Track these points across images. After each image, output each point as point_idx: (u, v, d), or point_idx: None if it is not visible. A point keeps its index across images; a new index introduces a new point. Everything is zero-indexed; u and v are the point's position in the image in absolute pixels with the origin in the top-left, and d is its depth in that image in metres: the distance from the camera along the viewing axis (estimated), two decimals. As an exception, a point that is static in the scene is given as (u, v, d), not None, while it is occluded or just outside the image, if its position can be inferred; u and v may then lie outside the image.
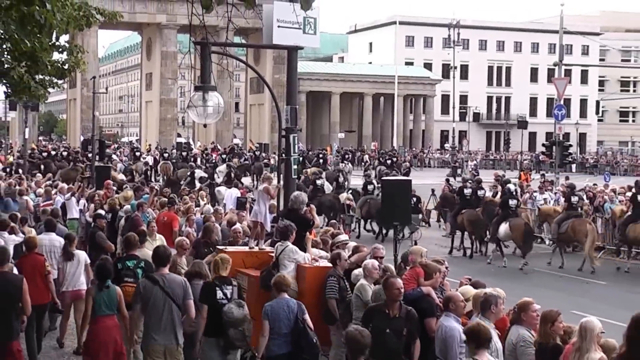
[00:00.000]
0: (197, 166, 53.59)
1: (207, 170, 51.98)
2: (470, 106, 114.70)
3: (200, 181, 44.17)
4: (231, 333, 12.55)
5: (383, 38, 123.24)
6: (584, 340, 9.61)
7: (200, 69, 17.02)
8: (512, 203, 31.03)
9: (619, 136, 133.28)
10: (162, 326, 12.31)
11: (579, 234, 29.88)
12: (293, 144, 19.58)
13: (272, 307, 12.29)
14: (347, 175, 50.46)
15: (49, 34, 17.24)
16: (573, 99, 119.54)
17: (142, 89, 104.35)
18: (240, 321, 12.55)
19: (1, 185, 32.41)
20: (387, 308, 10.86)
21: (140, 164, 59.36)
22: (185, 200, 28.49)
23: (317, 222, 20.64)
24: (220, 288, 12.85)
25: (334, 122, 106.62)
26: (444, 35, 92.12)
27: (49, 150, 66.39)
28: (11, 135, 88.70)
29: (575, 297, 23.94)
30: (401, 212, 19.30)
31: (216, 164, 56.79)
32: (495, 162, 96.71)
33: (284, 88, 22.54)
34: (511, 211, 30.75)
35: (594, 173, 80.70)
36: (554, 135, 46.79)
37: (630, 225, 29.50)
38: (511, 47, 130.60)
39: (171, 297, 12.25)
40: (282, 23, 19.10)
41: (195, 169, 48.98)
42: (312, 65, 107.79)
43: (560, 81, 49.02)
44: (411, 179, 27.20)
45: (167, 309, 12.27)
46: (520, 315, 11.19)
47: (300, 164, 54.67)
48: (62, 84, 45.48)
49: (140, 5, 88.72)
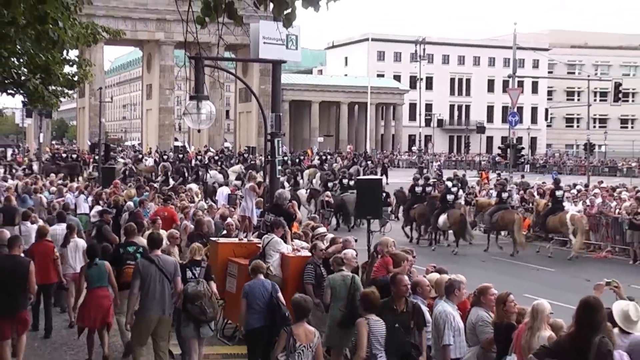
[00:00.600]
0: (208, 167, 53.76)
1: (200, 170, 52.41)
2: (435, 113, 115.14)
3: (173, 180, 44.55)
4: (188, 307, 12.80)
5: (357, 53, 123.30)
6: (535, 320, 9.63)
7: (195, 80, 17.00)
8: (449, 197, 32.27)
9: (565, 140, 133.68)
10: (157, 299, 12.72)
11: (508, 223, 31.28)
12: (277, 147, 19.59)
13: (250, 287, 12.61)
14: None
15: (61, 49, 17.30)
16: (525, 107, 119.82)
17: (143, 99, 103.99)
18: (195, 297, 12.76)
19: (19, 184, 32.55)
20: (394, 304, 10.62)
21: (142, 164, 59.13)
22: (181, 197, 28.53)
23: (299, 216, 20.62)
24: (190, 269, 13.34)
25: (314, 128, 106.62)
26: (411, 50, 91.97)
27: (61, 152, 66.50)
28: (27, 139, 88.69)
29: (528, 282, 23.98)
30: (373, 207, 19.35)
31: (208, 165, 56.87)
32: (456, 163, 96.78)
33: (269, 97, 22.49)
34: (449, 204, 31.88)
35: (543, 172, 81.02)
36: (509, 139, 46.92)
37: (550, 216, 31.07)
38: (471, 61, 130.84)
39: (165, 274, 12.70)
40: (267, 40, 19.09)
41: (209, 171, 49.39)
42: (294, 77, 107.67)
43: (514, 91, 49.16)
44: (382, 178, 27.27)
45: (160, 284, 12.72)
46: (479, 298, 11.22)
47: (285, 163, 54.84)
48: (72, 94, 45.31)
49: (141, 24, 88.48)
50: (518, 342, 9.88)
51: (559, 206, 31.34)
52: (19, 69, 18.57)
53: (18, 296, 13.14)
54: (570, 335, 8.44)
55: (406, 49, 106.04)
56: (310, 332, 10.22)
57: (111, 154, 55.79)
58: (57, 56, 18.27)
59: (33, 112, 55.62)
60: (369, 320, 10.58)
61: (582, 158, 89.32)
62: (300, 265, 14.50)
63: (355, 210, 34.06)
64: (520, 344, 9.75)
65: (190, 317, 12.90)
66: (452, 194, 32.68)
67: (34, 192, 28.89)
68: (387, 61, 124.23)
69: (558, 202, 31.57)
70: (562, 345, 8.50)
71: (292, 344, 10.00)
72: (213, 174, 47.42)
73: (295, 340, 10.02)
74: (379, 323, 10.70)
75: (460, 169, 75.21)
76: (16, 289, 13.09)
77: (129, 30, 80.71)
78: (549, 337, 9.42)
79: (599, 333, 8.13)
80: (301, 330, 10.14)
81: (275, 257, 14.66)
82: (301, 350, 10.05)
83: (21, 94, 20.72)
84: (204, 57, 18.14)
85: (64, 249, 17.48)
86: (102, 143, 50.77)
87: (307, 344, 10.08)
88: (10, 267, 13.14)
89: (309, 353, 10.09)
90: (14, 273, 13.09)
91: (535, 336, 9.51)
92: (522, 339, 9.75)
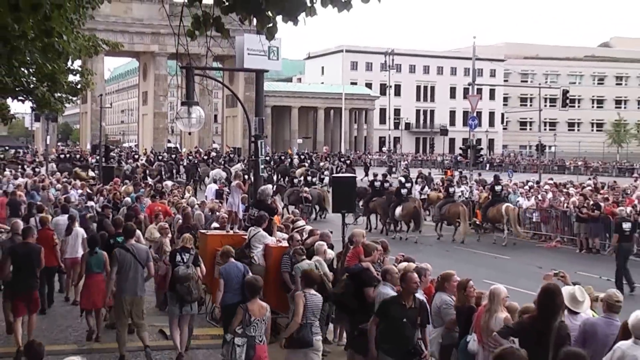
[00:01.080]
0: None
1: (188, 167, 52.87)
2: (403, 117, 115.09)
3: (151, 177, 45.33)
4: (177, 287, 13.19)
5: (332, 63, 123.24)
6: (492, 303, 9.73)
7: (186, 88, 17.01)
8: (403, 191, 33.04)
9: (519, 141, 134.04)
10: (130, 282, 13.15)
11: (454, 214, 32.05)
12: (260, 148, 19.63)
13: (225, 269, 12.92)
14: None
15: (66, 60, 17.33)
16: (483, 112, 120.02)
17: (140, 104, 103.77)
18: (184, 278, 13.13)
19: (28, 182, 32.68)
20: (403, 300, 10.36)
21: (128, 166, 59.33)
22: (174, 193, 28.59)
23: (280, 210, 20.63)
24: (180, 254, 13.56)
25: (294, 130, 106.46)
26: (381, 61, 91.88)
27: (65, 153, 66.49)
28: (36, 141, 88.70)
29: (486, 269, 24.08)
30: (347, 202, 19.36)
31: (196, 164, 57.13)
32: (422, 162, 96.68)
33: (253, 103, 22.52)
34: (403, 198, 32.61)
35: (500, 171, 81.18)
36: (469, 141, 47.06)
37: (490, 208, 31.72)
38: (435, 71, 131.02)
39: (138, 260, 13.18)
40: (251, 51, 19.11)
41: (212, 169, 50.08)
42: (276, 85, 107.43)
43: (473, 98, 49.25)
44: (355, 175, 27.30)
45: (134, 269, 13.16)
46: (443, 284, 11.32)
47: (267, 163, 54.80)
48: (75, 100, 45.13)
49: (137, 37, 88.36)
50: (478, 323, 9.99)
51: (497, 199, 32.04)
52: (28, 78, 18.58)
53: (33, 278, 13.96)
54: (532, 317, 8.55)
55: (377, 59, 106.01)
56: (263, 307, 10.61)
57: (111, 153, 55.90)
58: (62, 66, 18.31)
59: (41, 117, 55.34)
60: (306, 294, 10.81)
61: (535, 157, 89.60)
62: (280, 255, 14.50)
63: (318, 204, 38.15)
64: (480, 324, 9.85)
65: (177, 296, 13.19)
66: (406, 189, 33.45)
67: (42, 189, 29.09)
68: (360, 70, 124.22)
69: (497, 195, 32.30)
70: (524, 326, 8.59)
71: (248, 318, 10.38)
72: (217, 171, 47.65)
73: (250, 315, 10.41)
74: (316, 297, 10.96)
75: (426, 168, 75.39)
76: (30, 271, 13.87)
77: (126, 42, 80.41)
78: (505, 318, 9.55)
79: (557, 317, 8.29)
80: (255, 306, 10.51)
81: (260, 248, 14.68)
82: (255, 323, 10.43)
83: (30, 100, 20.76)
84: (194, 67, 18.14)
85: (67, 237, 17.84)
86: (102, 145, 50.59)
87: (260, 318, 10.50)
88: (25, 252, 13.90)
89: (262, 325, 10.53)
90: (29, 258, 13.84)
91: (492, 317, 9.61)
92: (481, 320, 9.86)
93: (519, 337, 8.55)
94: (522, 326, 8.65)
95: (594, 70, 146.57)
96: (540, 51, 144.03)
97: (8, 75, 16.68)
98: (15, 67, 16.39)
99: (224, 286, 12.72)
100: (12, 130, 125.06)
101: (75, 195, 27.44)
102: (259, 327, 10.48)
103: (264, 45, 18.03)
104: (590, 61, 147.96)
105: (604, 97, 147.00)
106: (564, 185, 37.22)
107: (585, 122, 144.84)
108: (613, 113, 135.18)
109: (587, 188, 34.70)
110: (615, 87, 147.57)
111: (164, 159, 63.68)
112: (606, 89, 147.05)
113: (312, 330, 10.83)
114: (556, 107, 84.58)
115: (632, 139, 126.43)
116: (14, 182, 32.80)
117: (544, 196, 33.20)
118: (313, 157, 68.88)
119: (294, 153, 76.17)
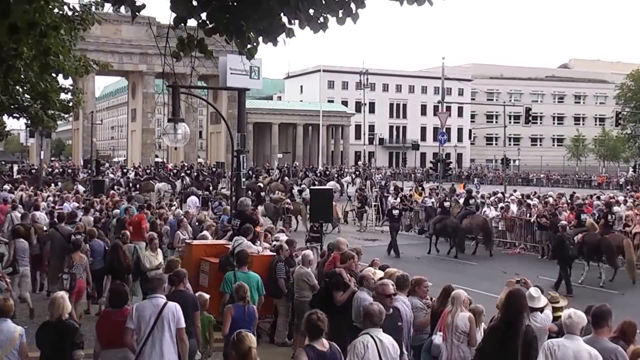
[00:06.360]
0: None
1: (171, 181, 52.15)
2: (377, 133, 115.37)
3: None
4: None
5: (310, 82, 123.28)
6: (454, 305, 10.25)
7: (172, 105, 17.02)
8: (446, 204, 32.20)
9: (485, 155, 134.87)
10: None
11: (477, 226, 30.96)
12: (242, 162, 19.66)
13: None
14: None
15: (66, 77, 17.34)
16: (452, 128, 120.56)
17: (129, 121, 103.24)
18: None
19: (23, 196, 32.49)
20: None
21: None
22: (161, 204, 28.58)
23: (261, 221, 20.65)
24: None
25: (274, 145, 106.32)
26: (357, 80, 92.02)
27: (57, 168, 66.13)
28: (30, 156, 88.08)
29: (454, 274, 24.09)
30: (325, 212, 19.45)
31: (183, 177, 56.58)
32: (395, 175, 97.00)
33: (236, 120, 22.49)
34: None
35: (467, 183, 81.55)
36: (439, 155, 47.12)
37: (465, 219, 30.87)
38: (407, 89, 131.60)
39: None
40: (233, 70, 19.22)
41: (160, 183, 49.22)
42: (257, 103, 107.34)
43: (443, 115, 49.43)
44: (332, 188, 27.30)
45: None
46: (414, 288, 11.37)
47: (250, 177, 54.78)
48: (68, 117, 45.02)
49: (126, 58, 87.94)
50: (443, 322, 10.35)
51: (470, 210, 31.72)
52: (23, 96, 18.54)
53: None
54: (500, 319, 8.76)
55: (352, 78, 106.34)
56: (82, 257, 12.56)
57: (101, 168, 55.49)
58: (55, 85, 18.25)
59: (35, 133, 55.07)
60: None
61: (500, 170, 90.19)
62: (264, 263, 14.68)
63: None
64: (445, 324, 10.23)
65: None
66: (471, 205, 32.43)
67: (35, 208, 28.20)
68: (336, 89, 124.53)
69: (470, 207, 32.01)
70: (491, 329, 8.86)
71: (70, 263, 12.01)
72: (162, 185, 47.66)
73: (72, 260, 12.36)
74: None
75: (398, 180, 75.69)
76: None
77: (116, 62, 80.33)
78: (469, 317, 10.11)
79: (523, 317, 8.48)
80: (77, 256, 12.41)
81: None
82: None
83: (24, 117, 20.69)
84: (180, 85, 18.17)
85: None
86: (93, 159, 50.46)
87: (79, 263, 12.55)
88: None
89: (80, 267, 12.70)
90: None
91: (456, 315, 10.10)
92: (446, 320, 10.23)
93: (486, 342, 8.77)
94: (491, 330, 8.84)
95: (554, 89, 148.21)
96: (505, 72, 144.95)
97: (4, 94, 16.66)
98: (10, 85, 16.36)
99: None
100: (7, 145, 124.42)
101: (68, 208, 27.20)
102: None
103: (245, 65, 18.12)
104: (551, 81, 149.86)
105: (564, 115, 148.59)
106: (529, 197, 37.36)
107: (547, 138, 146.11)
108: (572, 129, 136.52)
109: (550, 199, 34.91)
110: (574, 105, 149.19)
111: (151, 172, 62.94)
112: (566, 107, 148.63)
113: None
114: (520, 123, 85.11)
115: (589, 153, 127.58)
116: (8, 196, 31.92)
117: (508, 206, 33.41)
118: (291, 171, 68.59)
119: (274, 167, 76.23)
